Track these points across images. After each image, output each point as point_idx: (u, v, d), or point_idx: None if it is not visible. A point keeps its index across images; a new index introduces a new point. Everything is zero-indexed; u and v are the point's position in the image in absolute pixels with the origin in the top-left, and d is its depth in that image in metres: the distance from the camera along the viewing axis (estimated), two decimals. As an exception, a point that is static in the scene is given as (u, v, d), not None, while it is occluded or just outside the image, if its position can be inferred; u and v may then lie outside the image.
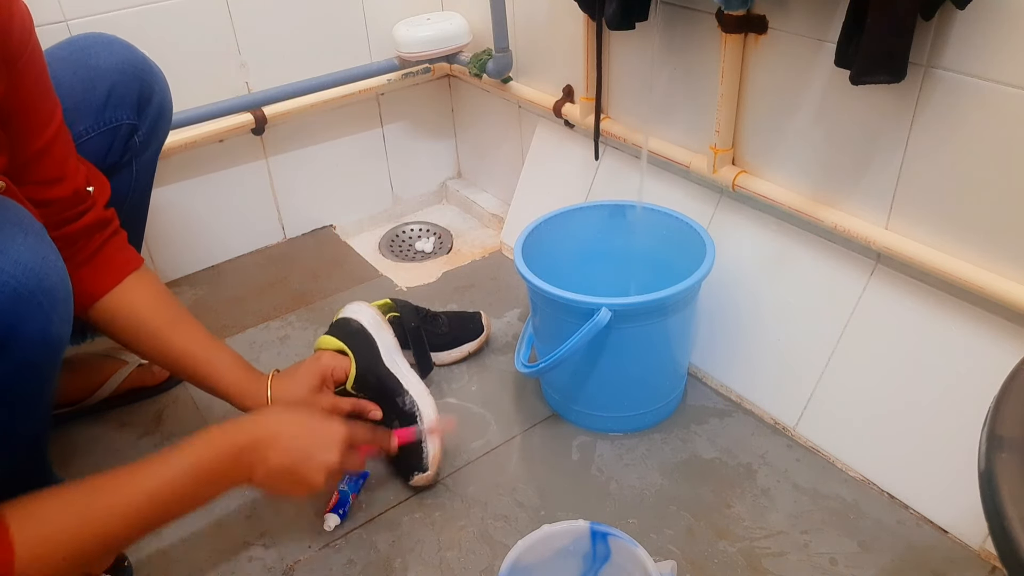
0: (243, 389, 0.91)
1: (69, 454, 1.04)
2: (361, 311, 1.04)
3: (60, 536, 0.65)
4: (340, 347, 0.99)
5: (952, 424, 0.87)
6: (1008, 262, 0.81)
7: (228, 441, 0.76)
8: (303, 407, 0.86)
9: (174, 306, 0.92)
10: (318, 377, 0.95)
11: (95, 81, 0.91)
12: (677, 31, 1.04)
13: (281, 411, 0.83)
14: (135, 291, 0.90)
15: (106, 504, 0.68)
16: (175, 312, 0.92)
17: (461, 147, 1.66)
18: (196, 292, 1.37)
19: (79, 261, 0.85)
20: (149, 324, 0.90)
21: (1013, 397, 0.50)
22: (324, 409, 0.92)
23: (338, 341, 1.00)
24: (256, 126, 1.34)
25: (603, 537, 0.76)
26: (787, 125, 0.97)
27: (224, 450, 0.75)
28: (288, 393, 0.92)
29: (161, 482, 0.71)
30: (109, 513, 0.68)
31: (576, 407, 1.04)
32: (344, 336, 1.00)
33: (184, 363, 0.91)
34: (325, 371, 0.96)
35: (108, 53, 0.92)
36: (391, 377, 0.98)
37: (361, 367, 0.98)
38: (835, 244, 0.98)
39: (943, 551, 0.85)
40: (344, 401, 0.95)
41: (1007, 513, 0.43)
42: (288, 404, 0.91)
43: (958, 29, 0.77)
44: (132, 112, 0.95)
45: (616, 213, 1.11)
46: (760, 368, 1.05)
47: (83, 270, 0.85)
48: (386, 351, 1.00)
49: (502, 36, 1.31)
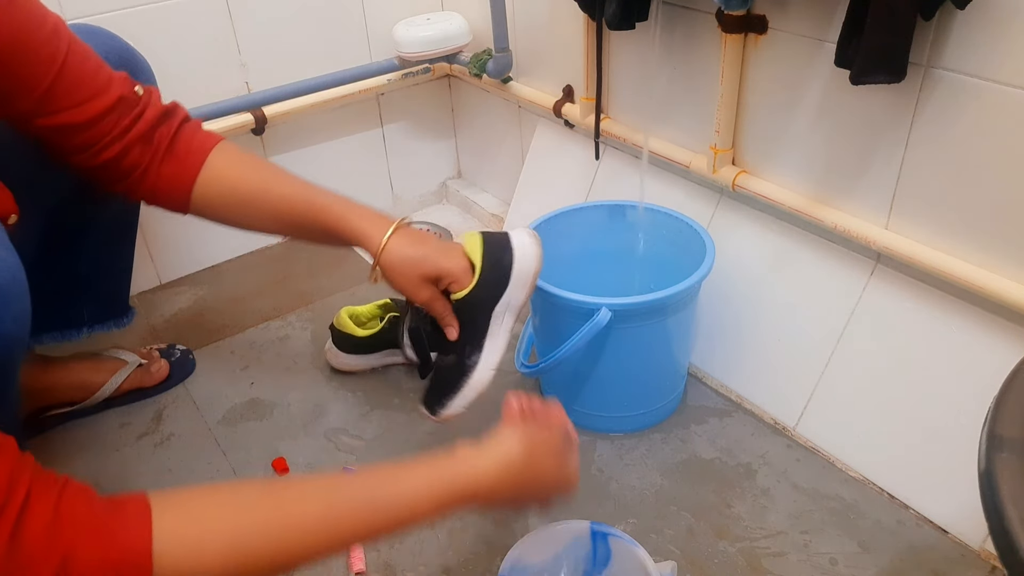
0: (360, 227, 0.85)
1: (69, 454, 1.04)
2: (526, 251, 0.90)
3: (216, 533, 0.57)
4: (476, 263, 0.88)
5: (952, 424, 0.87)
6: (1008, 262, 0.81)
7: (468, 489, 0.67)
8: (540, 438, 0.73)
9: (266, 165, 0.89)
10: (437, 273, 0.86)
11: None
12: (677, 31, 1.04)
13: (510, 464, 0.70)
14: (222, 165, 0.86)
15: (298, 510, 0.60)
16: (269, 170, 0.88)
17: (461, 147, 1.66)
18: (196, 292, 1.37)
19: (159, 159, 0.84)
20: (245, 188, 0.87)
21: (1013, 397, 0.51)
22: (420, 301, 0.87)
23: (479, 257, 0.88)
24: (256, 126, 1.34)
25: (603, 537, 0.76)
26: (787, 125, 0.97)
27: (458, 494, 0.66)
28: (402, 263, 0.85)
29: (375, 502, 0.63)
30: (297, 519, 0.60)
31: (576, 407, 1.04)
32: (489, 259, 0.89)
33: (294, 215, 0.87)
34: (446, 275, 0.87)
35: (92, 44, 0.91)
36: (485, 326, 0.90)
37: (474, 296, 0.88)
38: (835, 244, 0.98)
39: (943, 551, 0.85)
40: (440, 304, 0.88)
41: (1007, 513, 0.43)
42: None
43: (958, 29, 0.77)
44: None
45: (616, 213, 1.11)
46: (760, 368, 1.05)
47: (164, 167, 0.84)
48: (506, 303, 0.90)
49: (502, 36, 1.31)
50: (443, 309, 0.88)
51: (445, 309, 0.88)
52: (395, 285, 0.87)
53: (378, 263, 0.85)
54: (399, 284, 0.86)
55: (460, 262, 0.88)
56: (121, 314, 1.08)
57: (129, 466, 1.02)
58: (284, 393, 1.13)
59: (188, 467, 1.02)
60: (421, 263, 0.85)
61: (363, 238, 0.85)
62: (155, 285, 1.39)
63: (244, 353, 1.22)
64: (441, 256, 0.87)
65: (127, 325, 1.09)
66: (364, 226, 0.85)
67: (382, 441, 1.05)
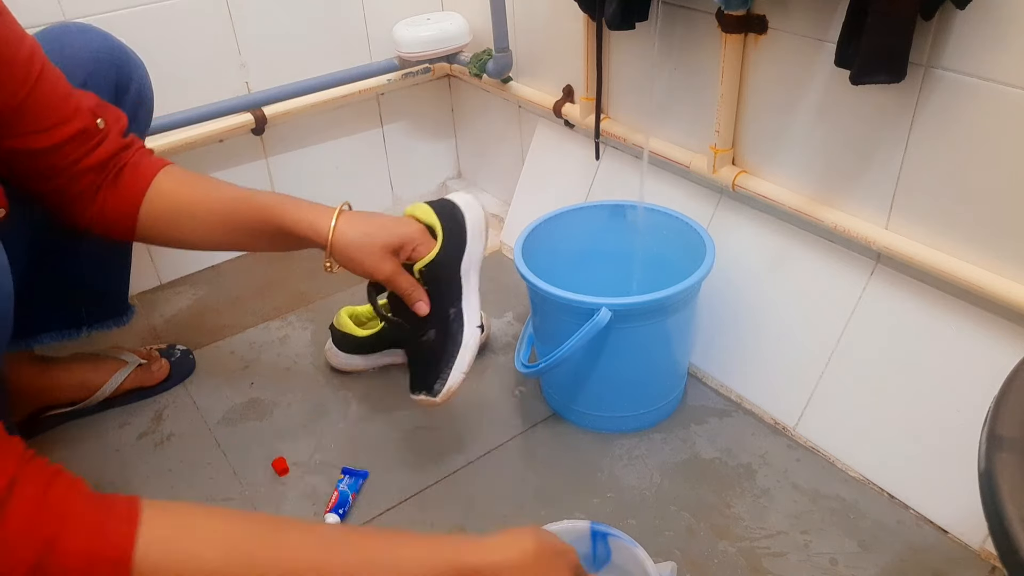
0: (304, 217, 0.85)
1: (69, 454, 1.04)
2: (471, 207, 0.92)
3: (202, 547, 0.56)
4: (434, 226, 0.89)
5: (952, 424, 0.87)
6: (1008, 262, 0.81)
7: (470, 568, 0.63)
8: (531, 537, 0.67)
9: (210, 178, 0.88)
10: (399, 240, 0.85)
11: (71, 70, 0.88)
12: (677, 31, 1.04)
13: (523, 551, 0.65)
14: (166, 184, 0.86)
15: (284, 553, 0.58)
16: (212, 182, 0.88)
17: (461, 147, 1.66)
18: (196, 292, 1.37)
19: (106, 188, 0.83)
20: (190, 199, 0.86)
21: (1013, 397, 0.51)
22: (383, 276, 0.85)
23: (436, 219, 0.89)
24: (256, 126, 1.34)
25: (603, 537, 0.76)
26: (787, 125, 0.97)
27: (458, 572, 0.62)
28: (359, 238, 0.84)
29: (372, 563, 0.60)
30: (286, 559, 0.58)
31: (576, 407, 1.04)
32: (445, 219, 0.90)
33: (237, 217, 0.86)
34: (408, 241, 0.86)
35: (83, 42, 0.91)
36: (458, 284, 0.90)
37: (443, 255, 0.88)
38: (835, 244, 0.98)
39: (943, 551, 0.85)
40: (404, 279, 0.87)
41: (1007, 513, 0.43)
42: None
43: (958, 29, 0.77)
44: (110, 100, 0.92)
45: (616, 213, 1.11)
46: (760, 368, 1.05)
47: (111, 194, 0.84)
48: (469, 259, 0.90)
49: (502, 36, 1.31)
50: (408, 282, 0.87)
51: (410, 282, 0.87)
52: (354, 266, 0.85)
53: (332, 248, 0.84)
54: (359, 262, 0.84)
55: (417, 226, 0.88)
56: (121, 313, 1.08)
57: (129, 466, 1.02)
58: (284, 393, 1.13)
59: (188, 467, 1.02)
60: (379, 234, 0.85)
61: (310, 226, 0.85)
62: (155, 285, 1.39)
63: (244, 353, 1.22)
64: (397, 224, 0.87)
65: (127, 324, 1.08)
66: (310, 215, 0.85)
67: (382, 441, 1.05)
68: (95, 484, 1.02)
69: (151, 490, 0.99)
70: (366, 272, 0.86)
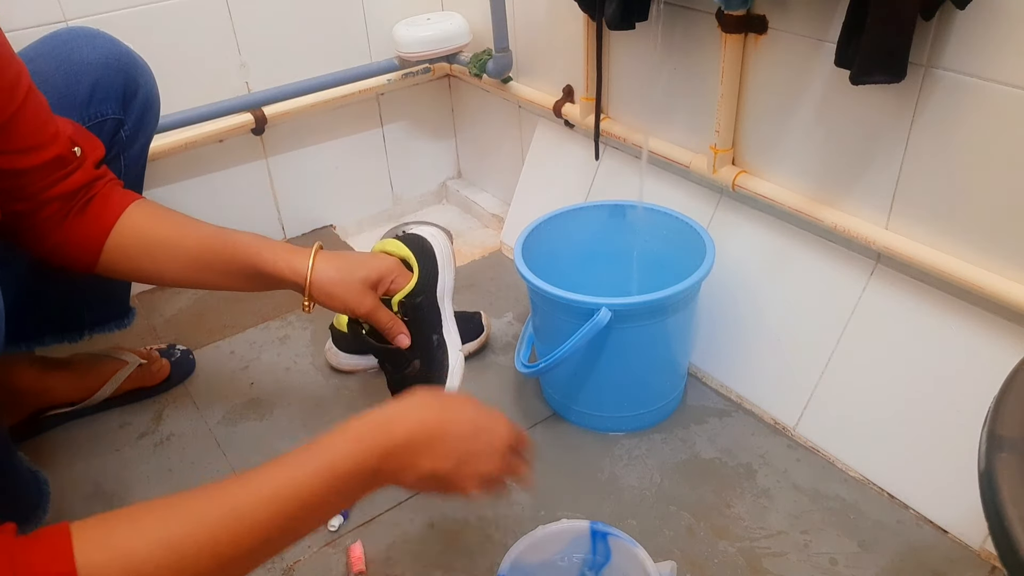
0: (280, 257, 0.84)
1: (69, 454, 1.04)
2: (437, 237, 0.94)
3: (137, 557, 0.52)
4: (407, 258, 0.91)
5: (952, 424, 0.87)
6: (1008, 262, 0.81)
7: (377, 441, 0.62)
8: (449, 401, 0.68)
9: (183, 215, 0.88)
10: (377, 274, 0.86)
11: (79, 76, 0.89)
12: (677, 31, 1.04)
13: (442, 405, 0.66)
14: (138, 217, 0.85)
15: (210, 516, 0.55)
16: (185, 218, 0.87)
17: (461, 147, 1.66)
18: (196, 292, 1.37)
19: (71, 217, 0.82)
20: (160, 233, 0.85)
21: (1013, 397, 0.50)
22: (364, 311, 0.85)
23: (408, 251, 0.91)
24: (256, 126, 1.34)
25: (603, 537, 0.76)
26: (787, 125, 0.97)
27: (371, 450, 0.61)
28: (337, 274, 0.85)
29: (282, 488, 0.58)
30: (216, 526, 0.54)
31: (576, 407, 1.04)
32: (416, 250, 0.92)
33: (210, 255, 0.85)
34: (386, 274, 0.87)
35: (91, 47, 0.91)
36: (437, 311, 0.91)
37: (420, 285, 0.89)
38: (835, 244, 0.98)
39: (943, 551, 0.85)
40: (384, 313, 0.87)
41: (1007, 513, 0.43)
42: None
43: (958, 29, 0.77)
44: (117, 106, 0.93)
45: (616, 213, 1.11)
46: (760, 368, 1.05)
47: (75, 224, 0.83)
48: (443, 286, 0.92)
49: (502, 36, 1.31)
50: (388, 317, 0.88)
51: (390, 316, 0.88)
52: (335, 302, 0.85)
53: (311, 287, 0.85)
54: (340, 298, 0.85)
55: (392, 260, 0.89)
56: (122, 315, 1.08)
57: (129, 466, 1.03)
58: (284, 393, 1.13)
59: (188, 467, 1.02)
60: (357, 270, 0.86)
61: (288, 265, 0.85)
62: (155, 285, 1.39)
63: (244, 353, 1.22)
64: (372, 260, 0.88)
65: (128, 326, 1.08)
66: (287, 255, 0.85)
67: (382, 441, 1.04)
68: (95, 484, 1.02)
69: (151, 490, 0.99)
70: (347, 308, 0.86)
